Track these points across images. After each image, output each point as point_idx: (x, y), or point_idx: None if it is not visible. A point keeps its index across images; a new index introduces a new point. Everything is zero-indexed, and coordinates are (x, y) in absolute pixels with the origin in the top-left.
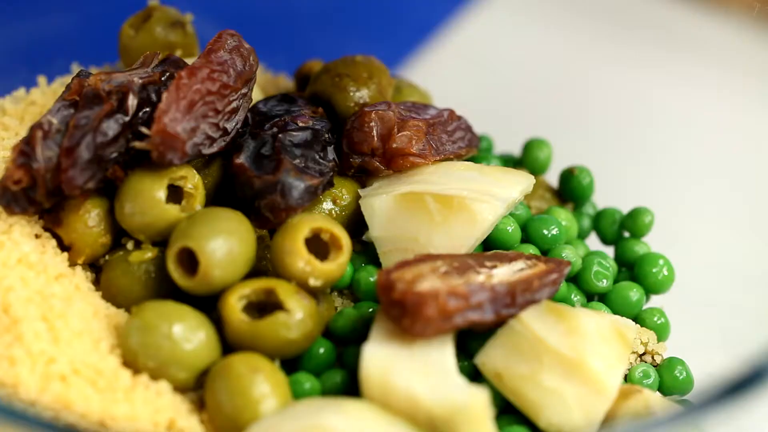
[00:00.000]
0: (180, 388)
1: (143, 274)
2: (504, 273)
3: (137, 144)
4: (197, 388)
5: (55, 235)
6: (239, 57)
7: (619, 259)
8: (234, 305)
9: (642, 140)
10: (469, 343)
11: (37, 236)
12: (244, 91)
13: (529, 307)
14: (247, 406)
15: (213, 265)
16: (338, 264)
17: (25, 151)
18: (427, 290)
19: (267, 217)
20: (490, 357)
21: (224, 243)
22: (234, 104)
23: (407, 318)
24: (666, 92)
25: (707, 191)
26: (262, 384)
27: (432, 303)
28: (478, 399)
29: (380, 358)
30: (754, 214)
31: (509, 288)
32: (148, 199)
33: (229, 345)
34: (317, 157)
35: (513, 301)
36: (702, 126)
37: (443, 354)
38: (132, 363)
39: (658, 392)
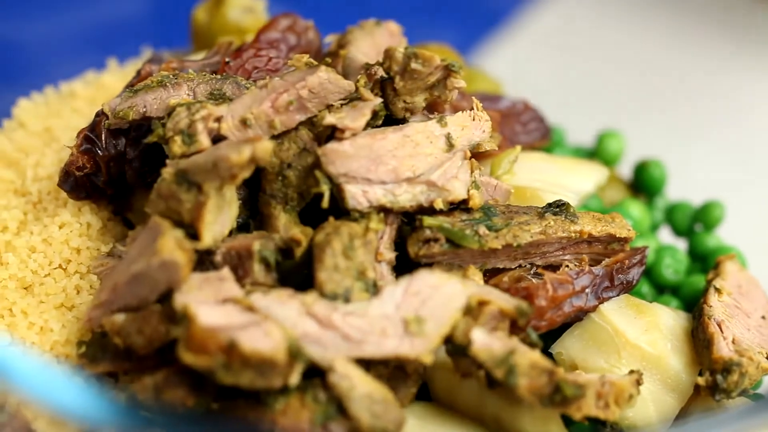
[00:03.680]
0: None
1: None
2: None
3: None
4: None
5: (126, 220)
6: (293, 33)
7: (691, 251)
8: None
9: (716, 132)
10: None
11: (108, 220)
12: None
13: (609, 301)
14: None
15: None
16: None
17: (89, 137)
18: (532, 283)
19: None
20: (567, 347)
21: None
22: None
23: None
24: (740, 84)
25: None
26: None
27: (541, 293)
28: None
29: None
30: None
31: (606, 270)
32: None
33: None
34: None
35: (612, 283)
36: None
37: None
38: None
39: None
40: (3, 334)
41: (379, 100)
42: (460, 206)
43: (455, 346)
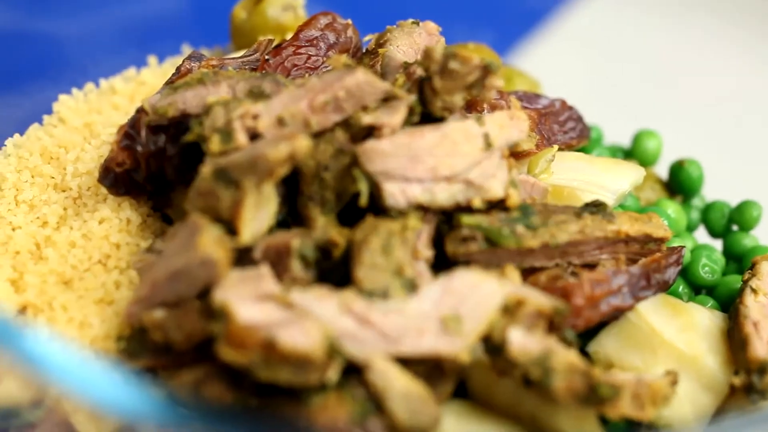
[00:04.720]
0: None
1: None
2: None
3: None
4: None
5: (165, 216)
6: (332, 32)
7: (727, 252)
8: None
9: (753, 133)
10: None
11: (148, 216)
12: None
13: (646, 300)
14: None
15: None
16: None
17: (129, 133)
18: (569, 282)
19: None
20: (603, 346)
21: None
22: None
23: None
24: None
25: None
26: None
27: (578, 292)
28: None
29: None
30: None
31: (643, 269)
32: None
33: None
34: None
35: (648, 282)
36: None
37: None
38: None
39: None
40: (43, 328)
41: (413, 97)
42: (498, 205)
43: (492, 346)
